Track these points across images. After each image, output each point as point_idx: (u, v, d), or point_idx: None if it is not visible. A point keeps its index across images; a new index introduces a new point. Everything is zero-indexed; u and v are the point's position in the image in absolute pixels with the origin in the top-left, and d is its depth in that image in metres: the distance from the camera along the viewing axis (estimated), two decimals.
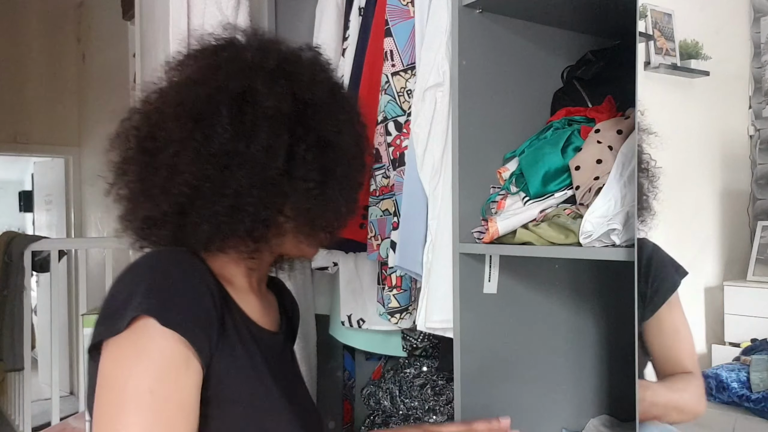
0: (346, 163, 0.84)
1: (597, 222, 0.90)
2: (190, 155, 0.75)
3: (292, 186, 0.79)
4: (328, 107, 0.82)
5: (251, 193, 0.76)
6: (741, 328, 0.77)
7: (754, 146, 0.79)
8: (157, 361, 0.68)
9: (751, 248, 0.78)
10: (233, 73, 0.78)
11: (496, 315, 1.17)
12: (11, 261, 3.48)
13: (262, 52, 0.81)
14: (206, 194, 0.76)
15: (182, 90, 0.80)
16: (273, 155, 0.77)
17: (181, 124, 0.76)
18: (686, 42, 0.80)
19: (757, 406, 0.72)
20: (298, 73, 0.81)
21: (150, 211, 0.79)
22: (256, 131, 0.76)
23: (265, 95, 0.77)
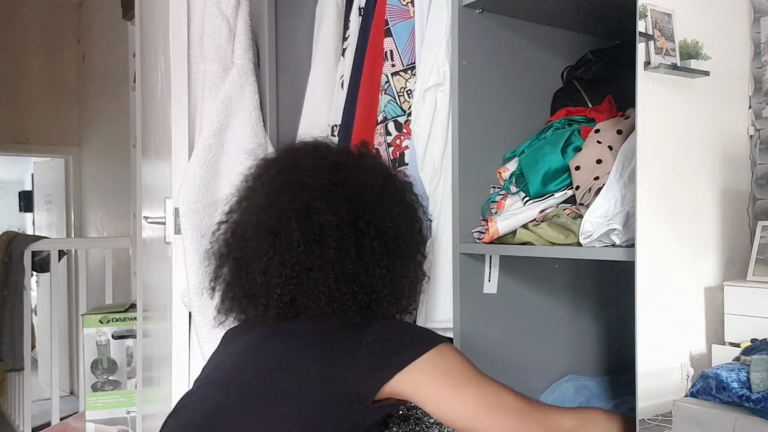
0: (408, 241, 1.03)
1: (597, 222, 0.90)
2: (277, 266, 0.95)
3: (370, 273, 0.97)
4: (381, 203, 1.00)
5: (340, 285, 0.95)
6: (741, 328, 0.77)
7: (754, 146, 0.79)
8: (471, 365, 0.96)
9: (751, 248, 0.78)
10: (295, 194, 0.98)
11: (496, 315, 1.17)
12: (11, 261, 3.49)
13: (314, 170, 1.00)
14: (304, 293, 0.95)
15: (256, 211, 1.01)
16: (345, 254, 0.95)
17: (263, 240, 0.97)
18: (686, 42, 0.80)
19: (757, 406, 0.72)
20: (349, 183, 1.00)
21: (254, 309, 1.00)
22: (325, 238, 0.95)
23: (324, 210, 0.96)
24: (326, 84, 1.50)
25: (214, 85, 1.54)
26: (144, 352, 2.21)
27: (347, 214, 0.97)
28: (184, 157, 1.52)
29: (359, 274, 0.96)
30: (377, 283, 0.97)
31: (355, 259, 0.96)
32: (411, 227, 1.05)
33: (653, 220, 0.80)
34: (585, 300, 1.30)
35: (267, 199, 1.00)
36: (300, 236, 0.95)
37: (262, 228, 0.98)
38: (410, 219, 1.06)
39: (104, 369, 2.83)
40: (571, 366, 1.28)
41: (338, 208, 0.96)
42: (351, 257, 0.96)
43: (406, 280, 1.02)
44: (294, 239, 0.95)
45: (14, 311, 3.45)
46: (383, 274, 0.98)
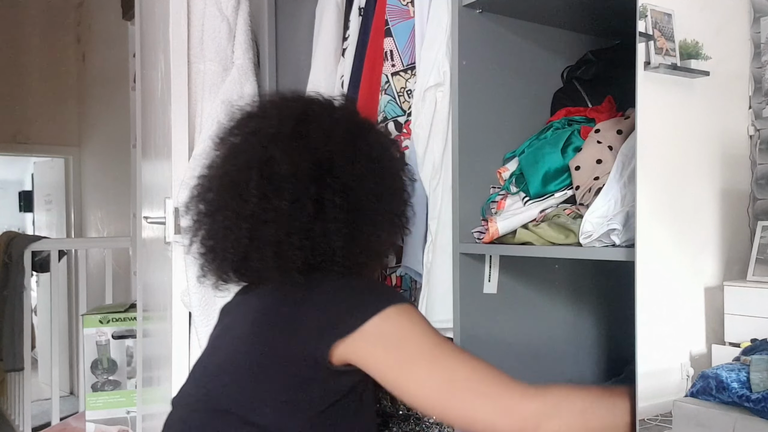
0: (375, 198, 0.96)
1: (597, 222, 0.90)
2: (233, 218, 0.92)
3: (326, 228, 0.92)
4: (347, 155, 0.95)
5: (291, 239, 0.90)
6: (741, 328, 0.77)
7: (754, 146, 0.79)
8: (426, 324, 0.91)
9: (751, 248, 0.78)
10: (256, 145, 0.95)
11: (496, 315, 1.17)
12: (11, 261, 3.49)
13: (279, 119, 0.97)
14: (256, 247, 0.92)
15: (224, 162, 0.98)
16: (301, 206, 0.91)
17: (225, 191, 0.95)
18: (686, 42, 0.80)
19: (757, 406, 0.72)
20: (314, 132, 0.95)
21: (213, 266, 0.97)
22: (281, 190, 0.91)
23: (284, 160, 0.92)
24: (326, 84, 1.50)
25: (214, 85, 1.54)
26: (144, 352, 2.21)
27: (308, 165, 0.92)
28: (184, 157, 1.52)
29: (314, 229, 0.92)
30: (333, 239, 0.92)
31: (312, 212, 0.91)
32: (384, 183, 0.99)
33: (653, 220, 0.80)
34: (585, 300, 1.30)
35: (232, 150, 0.98)
36: (257, 187, 0.91)
37: (225, 180, 0.96)
38: (383, 175, 0.99)
39: (104, 369, 2.83)
40: (570, 366, 1.28)
41: (298, 159, 0.92)
42: (307, 211, 0.91)
43: (370, 237, 0.96)
44: (251, 190, 0.91)
45: (14, 311, 3.45)
46: (339, 229, 0.92)
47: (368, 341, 0.86)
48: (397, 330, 0.87)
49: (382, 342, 0.86)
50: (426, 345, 0.87)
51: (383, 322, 0.87)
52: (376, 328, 0.86)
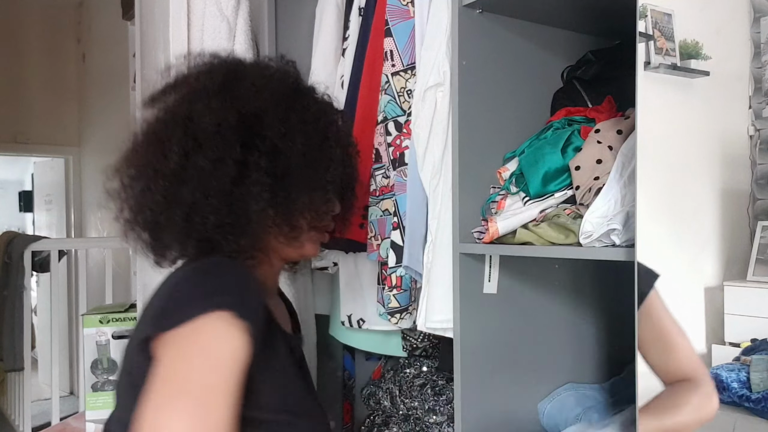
0: (306, 166, 0.89)
1: (597, 222, 0.90)
2: (152, 175, 0.85)
3: (245, 192, 0.85)
4: (277, 113, 0.88)
5: (208, 202, 0.83)
6: (741, 328, 0.77)
7: (754, 146, 0.79)
8: (223, 358, 0.73)
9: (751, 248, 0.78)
10: (180, 99, 0.89)
11: (496, 315, 1.17)
12: (11, 261, 3.49)
13: (207, 74, 0.90)
14: (169, 207, 0.84)
15: (152, 120, 0.91)
16: (222, 166, 0.84)
17: (147, 148, 0.88)
18: (686, 42, 0.80)
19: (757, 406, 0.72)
20: (242, 88, 0.88)
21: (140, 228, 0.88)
22: (203, 147, 0.84)
23: (207, 115, 0.85)
24: (326, 84, 1.50)
25: None
26: None
27: (234, 123, 0.85)
28: None
29: (234, 192, 0.85)
30: (250, 203, 0.85)
31: (233, 175, 0.84)
32: (318, 150, 0.92)
33: (653, 220, 0.80)
34: (585, 300, 1.30)
35: (162, 108, 0.92)
36: (178, 143, 0.85)
37: (150, 137, 0.89)
38: (318, 139, 0.92)
39: (104, 369, 2.83)
40: (571, 366, 1.28)
41: (224, 115, 0.85)
42: (228, 172, 0.84)
43: (292, 206, 0.89)
44: (173, 146, 0.85)
45: (14, 311, 3.45)
46: (259, 193, 0.85)
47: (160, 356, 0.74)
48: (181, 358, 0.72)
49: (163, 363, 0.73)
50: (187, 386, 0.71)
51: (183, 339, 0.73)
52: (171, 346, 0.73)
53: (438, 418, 1.41)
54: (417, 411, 1.45)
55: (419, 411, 1.44)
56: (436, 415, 1.42)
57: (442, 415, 1.41)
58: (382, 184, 1.31)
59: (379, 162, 1.32)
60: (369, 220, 1.33)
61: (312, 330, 1.73)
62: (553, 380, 1.25)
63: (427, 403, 1.43)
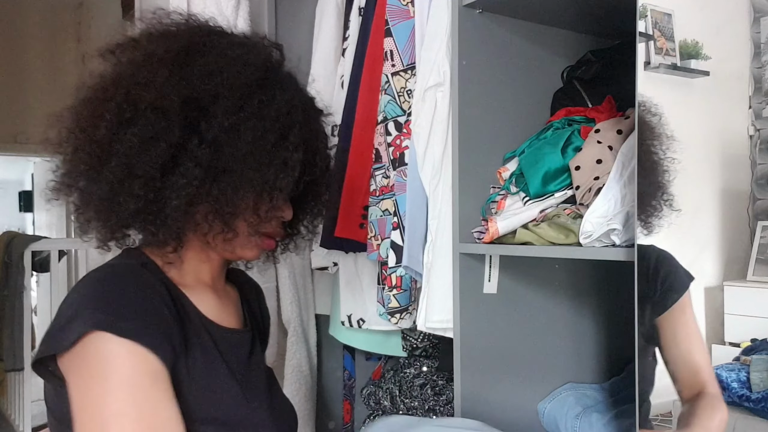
0: (250, 165, 0.77)
1: (597, 222, 0.90)
2: (82, 139, 0.76)
3: (169, 182, 0.75)
4: (231, 103, 0.77)
5: (125, 184, 0.74)
6: (741, 328, 0.77)
7: (754, 146, 0.79)
8: (124, 378, 0.67)
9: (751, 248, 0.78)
10: (128, 63, 0.78)
11: (496, 315, 1.17)
12: (11, 261, 3.48)
13: (164, 39, 0.79)
14: (91, 179, 0.76)
15: (99, 80, 0.80)
16: (153, 147, 0.74)
17: (86, 107, 0.78)
18: (686, 42, 0.80)
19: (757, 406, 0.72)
20: (197, 64, 0.77)
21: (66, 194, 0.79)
22: (135, 122, 0.74)
23: (149, 85, 0.75)
24: (326, 84, 1.50)
25: None
26: None
27: (179, 101, 0.75)
28: None
29: (158, 178, 0.74)
30: (172, 197, 0.75)
31: (163, 158, 0.74)
32: (267, 149, 0.79)
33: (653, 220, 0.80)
34: (585, 299, 1.30)
35: (111, 69, 0.81)
36: (114, 109, 0.74)
37: (90, 95, 0.79)
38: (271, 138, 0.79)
39: None
40: (571, 366, 1.28)
41: (168, 90, 0.74)
42: (158, 154, 0.74)
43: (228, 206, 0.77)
44: (107, 112, 0.75)
45: (14, 311, 3.45)
46: (182, 186, 0.75)
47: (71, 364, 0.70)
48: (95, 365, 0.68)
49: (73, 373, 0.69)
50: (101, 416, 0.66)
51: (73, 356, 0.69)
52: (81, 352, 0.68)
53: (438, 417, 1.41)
54: (417, 411, 1.45)
55: (419, 411, 1.44)
56: (436, 415, 1.42)
57: (442, 415, 1.41)
58: (382, 184, 1.31)
59: (379, 162, 1.32)
60: (369, 220, 1.33)
61: (312, 330, 1.73)
62: (553, 380, 1.25)
63: (427, 403, 1.43)
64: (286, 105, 0.81)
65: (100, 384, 0.66)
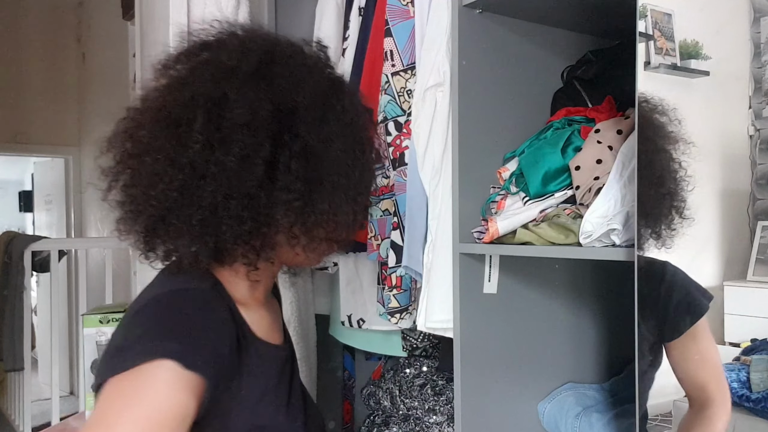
0: (339, 172, 0.79)
1: (597, 222, 0.90)
2: (167, 163, 0.73)
3: (273, 198, 0.75)
4: (316, 113, 0.78)
5: (228, 205, 0.73)
6: (741, 328, 0.78)
7: (754, 146, 0.79)
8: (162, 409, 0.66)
9: (751, 248, 0.78)
10: (209, 78, 0.76)
11: (496, 315, 1.17)
12: (11, 261, 3.48)
13: (241, 53, 0.77)
14: (183, 204, 0.74)
15: (164, 94, 0.78)
16: (250, 165, 0.73)
17: (160, 129, 0.75)
18: (686, 42, 0.80)
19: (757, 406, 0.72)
20: (280, 76, 0.77)
21: (136, 218, 0.77)
22: (231, 141, 0.73)
23: (238, 102, 0.74)
24: None
25: None
26: None
27: (268, 116, 0.75)
28: None
29: (258, 197, 0.74)
30: (277, 212, 0.76)
31: (260, 176, 0.74)
32: (352, 154, 0.81)
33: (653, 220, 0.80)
34: (585, 300, 1.30)
35: (177, 82, 0.78)
36: (201, 130, 0.73)
37: (163, 115, 0.76)
38: (353, 144, 0.82)
39: None
40: (571, 366, 1.28)
41: (257, 106, 0.74)
42: (255, 172, 0.74)
43: (321, 217, 0.78)
44: (194, 133, 0.73)
45: (14, 311, 3.45)
46: (288, 201, 0.75)
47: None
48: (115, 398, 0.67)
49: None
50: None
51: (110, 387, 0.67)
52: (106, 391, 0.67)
53: (438, 418, 1.41)
54: (417, 411, 1.45)
55: (419, 411, 1.44)
56: (436, 415, 1.42)
57: (442, 415, 1.41)
58: (382, 184, 1.31)
59: (379, 162, 1.32)
60: (369, 220, 1.33)
61: (312, 330, 1.73)
62: (553, 380, 1.25)
63: (427, 403, 1.43)
64: (355, 108, 0.83)
65: (133, 405, 0.65)
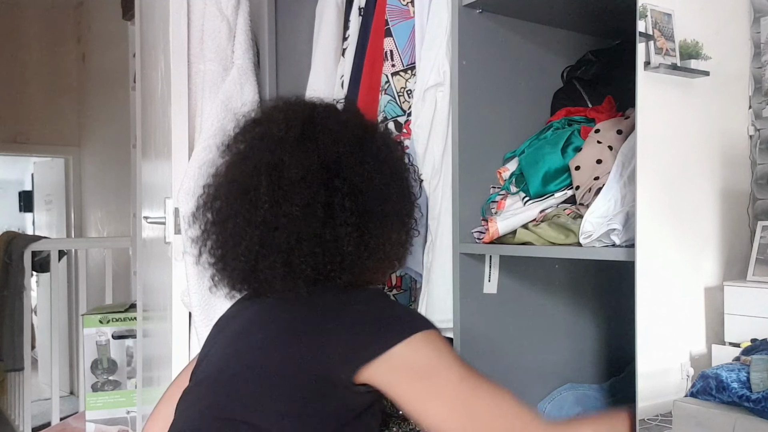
0: (384, 198, 0.96)
1: (597, 222, 0.90)
2: (244, 225, 0.92)
3: (336, 233, 0.91)
4: (355, 157, 0.95)
5: (302, 246, 0.90)
6: (741, 328, 0.77)
7: (754, 146, 0.79)
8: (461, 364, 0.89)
9: (751, 248, 0.78)
10: (264, 149, 0.94)
11: (496, 315, 1.17)
12: (11, 261, 3.49)
13: (286, 123, 0.96)
14: (267, 254, 0.91)
15: (231, 168, 0.97)
16: (312, 211, 0.90)
17: (234, 198, 0.94)
18: (686, 42, 0.80)
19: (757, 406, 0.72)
20: (321, 134, 0.95)
21: (223, 275, 0.97)
22: (292, 195, 0.90)
23: (292, 164, 0.91)
24: (326, 84, 1.50)
25: (214, 85, 1.54)
26: (144, 352, 2.21)
27: (318, 169, 0.92)
28: (184, 157, 1.52)
29: (324, 234, 0.91)
30: (343, 244, 0.92)
31: (322, 217, 0.91)
32: (392, 184, 0.99)
33: (653, 220, 0.80)
34: (585, 300, 1.30)
35: (239, 156, 0.98)
36: (267, 192, 0.91)
37: (234, 186, 0.95)
38: (390, 176, 0.99)
39: (104, 369, 2.84)
40: (571, 366, 1.28)
41: (308, 163, 0.92)
42: (317, 216, 0.91)
43: (380, 240, 0.95)
44: (261, 196, 0.91)
45: (14, 311, 3.45)
46: (350, 233, 0.92)
47: (393, 369, 0.86)
48: (422, 360, 0.86)
49: (406, 371, 0.86)
50: (450, 378, 0.86)
51: (408, 349, 0.86)
52: (400, 356, 0.85)
53: None
54: None
55: None
56: None
57: None
58: None
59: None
60: None
61: None
62: (553, 380, 1.25)
63: None
64: (388, 145, 1.02)
65: (443, 361, 0.87)
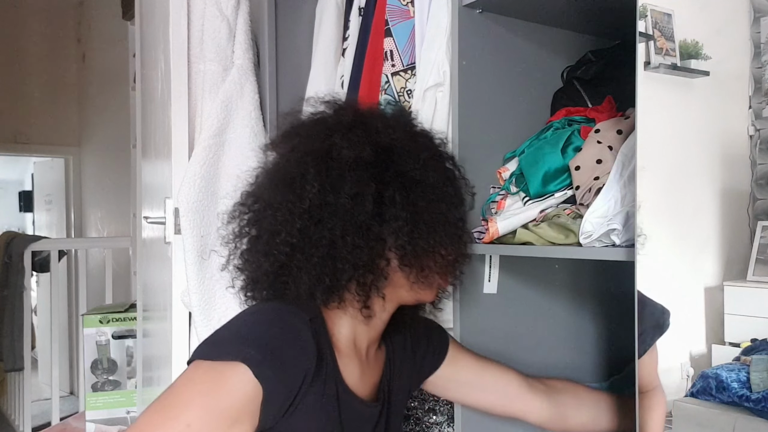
0: (437, 198, 0.87)
1: (597, 222, 0.90)
2: (285, 215, 0.83)
3: (384, 228, 0.84)
4: (409, 147, 0.87)
5: (345, 240, 0.82)
6: (741, 328, 0.77)
7: (754, 146, 0.79)
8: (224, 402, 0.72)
9: (751, 248, 0.78)
10: (316, 135, 0.87)
11: (496, 315, 1.17)
12: (11, 261, 3.49)
13: (339, 110, 0.91)
14: (303, 248, 0.83)
15: (278, 162, 0.90)
16: (361, 201, 0.82)
17: (277, 190, 0.86)
18: (686, 42, 0.80)
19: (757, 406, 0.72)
20: (373, 121, 0.88)
21: (254, 272, 0.87)
22: (342, 182, 0.83)
23: (345, 147, 0.84)
24: (326, 84, 1.50)
25: (214, 85, 1.54)
26: (144, 352, 2.21)
27: (369, 155, 0.84)
28: (184, 157, 1.52)
29: (371, 229, 0.83)
30: (390, 240, 0.84)
31: (370, 209, 0.82)
32: (445, 183, 0.90)
33: (653, 220, 0.80)
34: (585, 300, 1.30)
35: (284, 149, 0.90)
36: (315, 176, 0.83)
37: (278, 177, 0.87)
38: (446, 176, 0.91)
39: (104, 369, 2.83)
40: (571, 366, 1.28)
41: (360, 147, 0.84)
42: (366, 206, 0.82)
43: (431, 241, 0.85)
44: (309, 181, 0.83)
45: (14, 311, 3.45)
46: (399, 228, 0.83)
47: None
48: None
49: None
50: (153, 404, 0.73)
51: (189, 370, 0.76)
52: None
53: (438, 418, 1.41)
54: (417, 411, 1.45)
55: (419, 411, 1.44)
56: (436, 415, 1.41)
57: (442, 415, 1.41)
58: None
59: None
60: None
61: None
62: None
63: (427, 403, 1.43)
64: (434, 143, 0.94)
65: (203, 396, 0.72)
